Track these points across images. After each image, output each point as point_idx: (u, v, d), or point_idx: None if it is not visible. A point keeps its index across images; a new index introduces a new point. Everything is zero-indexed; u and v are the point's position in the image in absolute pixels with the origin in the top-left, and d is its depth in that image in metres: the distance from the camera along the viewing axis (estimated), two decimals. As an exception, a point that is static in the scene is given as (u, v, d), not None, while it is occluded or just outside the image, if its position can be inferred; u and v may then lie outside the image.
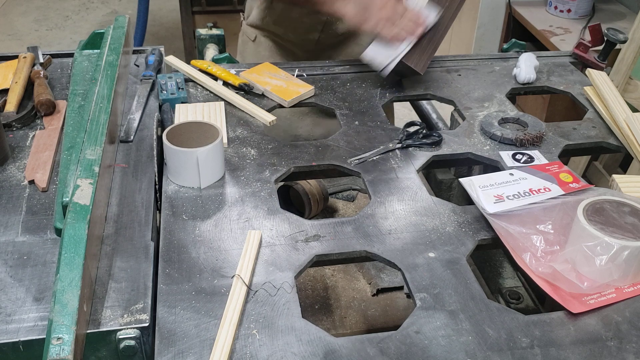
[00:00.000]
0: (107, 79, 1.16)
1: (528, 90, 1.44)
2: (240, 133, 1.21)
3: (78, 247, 0.80)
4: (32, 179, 1.05)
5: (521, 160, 1.15)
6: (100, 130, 1.02)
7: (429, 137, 1.20)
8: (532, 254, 0.91)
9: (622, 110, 1.26)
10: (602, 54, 1.49)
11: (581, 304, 0.85)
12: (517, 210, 0.98)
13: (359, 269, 1.41)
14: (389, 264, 0.93)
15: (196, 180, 1.05)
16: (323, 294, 1.35)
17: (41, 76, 1.31)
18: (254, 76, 1.38)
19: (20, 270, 0.87)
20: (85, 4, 4.81)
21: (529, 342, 0.80)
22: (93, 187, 0.89)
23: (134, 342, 0.79)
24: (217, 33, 2.27)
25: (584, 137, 1.24)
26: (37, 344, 0.77)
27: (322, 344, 0.79)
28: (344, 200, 1.61)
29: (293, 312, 0.83)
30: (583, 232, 0.88)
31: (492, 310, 0.84)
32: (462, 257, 0.93)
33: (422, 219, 1.01)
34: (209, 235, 0.96)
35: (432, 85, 1.41)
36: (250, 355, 0.77)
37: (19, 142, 1.16)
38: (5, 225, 0.96)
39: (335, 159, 1.15)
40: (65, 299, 0.73)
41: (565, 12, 2.69)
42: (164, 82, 1.32)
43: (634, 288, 0.88)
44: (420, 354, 0.78)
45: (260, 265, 0.91)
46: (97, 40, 1.40)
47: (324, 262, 0.95)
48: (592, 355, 0.78)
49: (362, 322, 1.29)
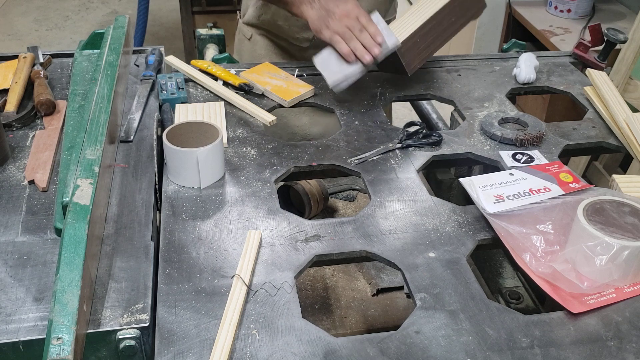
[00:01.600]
0: (107, 79, 1.16)
1: (528, 90, 1.45)
2: (240, 133, 1.21)
3: (78, 247, 0.80)
4: (32, 179, 1.05)
5: (521, 160, 1.15)
6: (100, 130, 1.02)
7: (429, 137, 1.20)
8: (532, 254, 0.91)
9: (622, 110, 1.26)
10: (602, 54, 1.49)
11: (581, 304, 0.85)
12: (517, 210, 0.98)
13: (359, 269, 1.41)
14: (389, 264, 0.93)
15: (196, 180, 1.05)
16: (323, 294, 1.35)
17: (41, 76, 1.31)
18: (254, 76, 1.38)
19: (20, 270, 0.87)
20: (85, 4, 4.81)
21: (529, 342, 0.80)
22: (93, 187, 0.89)
23: (134, 342, 0.79)
24: (217, 33, 2.27)
25: (584, 137, 1.24)
26: (37, 344, 0.77)
27: (322, 344, 0.79)
28: (344, 200, 1.61)
29: (293, 312, 0.83)
30: (583, 232, 0.88)
31: (492, 310, 0.84)
32: (462, 257, 0.93)
33: (422, 219, 1.01)
34: (209, 235, 0.96)
35: (432, 85, 1.41)
36: (250, 355, 0.77)
37: (19, 142, 1.16)
38: (5, 225, 0.96)
39: (335, 159, 1.15)
40: (65, 299, 0.73)
41: (565, 12, 2.69)
42: (164, 82, 1.32)
43: (634, 288, 0.87)
44: (420, 354, 0.78)
45: (260, 265, 0.91)
46: (97, 40, 1.40)
47: (324, 262, 0.95)
48: (592, 355, 0.78)
49: (362, 322, 1.29)
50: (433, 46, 1.34)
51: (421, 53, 1.32)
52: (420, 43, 1.31)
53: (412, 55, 1.30)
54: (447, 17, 1.34)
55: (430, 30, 1.31)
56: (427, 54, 1.33)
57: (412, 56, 1.30)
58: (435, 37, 1.33)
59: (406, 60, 1.29)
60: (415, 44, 1.30)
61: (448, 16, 1.34)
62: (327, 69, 1.26)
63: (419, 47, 1.31)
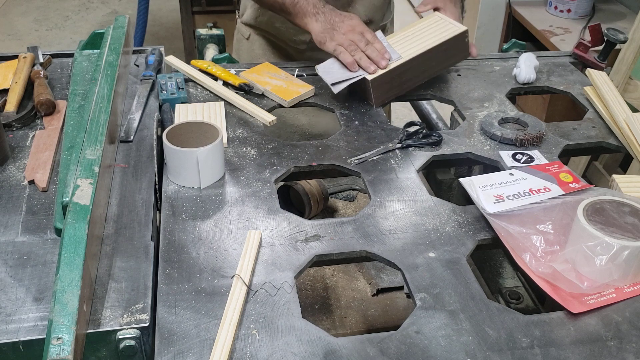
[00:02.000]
0: (107, 79, 1.16)
1: (528, 90, 1.45)
2: (240, 133, 1.21)
3: (78, 247, 0.80)
4: (32, 179, 1.05)
5: (521, 160, 1.15)
6: (100, 130, 1.02)
7: (429, 137, 1.20)
8: (532, 254, 0.91)
9: (622, 110, 1.26)
10: (602, 54, 1.49)
11: (581, 304, 0.85)
12: (517, 210, 0.98)
13: (359, 269, 1.41)
14: (389, 264, 0.93)
15: (196, 180, 1.05)
16: (323, 294, 1.35)
17: (41, 76, 1.31)
18: (254, 76, 1.38)
19: (20, 270, 0.87)
20: (85, 4, 4.81)
21: (529, 342, 0.80)
22: (93, 187, 0.89)
23: (134, 342, 0.79)
24: (217, 33, 2.27)
25: (584, 137, 1.24)
26: (37, 344, 0.77)
27: (322, 344, 0.79)
28: (344, 200, 1.61)
29: (293, 312, 0.83)
30: (583, 232, 0.88)
31: (492, 310, 0.84)
32: (462, 257, 0.93)
33: (422, 219, 1.01)
34: (209, 235, 0.96)
35: (432, 85, 1.41)
36: (250, 355, 0.77)
37: (19, 142, 1.16)
38: (5, 225, 0.96)
39: (335, 159, 1.15)
40: (65, 299, 0.73)
41: (565, 12, 2.69)
42: (164, 82, 1.32)
43: (634, 288, 0.87)
44: (420, 354, 0.78)
45: (260, 265, 0.91)
46: (97, 40, 1.40)
47: (324, 262, 0.95)
48: (592, 355, 0.78)
49: (362, 322, 1.29)
50: (406, 85, 1.33)
51: (393, 89, 1.31)
52: (395, 81, 1.29)
53: (384, 90, 1.29)
54: (430, 60, 1.32)
55: (410, 69, 1.30)
56: (398, 91, 1.33)
57: (383, 91, 1.29)
58: (412, 76, 1.32)
59: (376, 94, 1.28)
60: (391, 80, 1.29)
61: (430, 59, 1.32)
62: (328, 74, 1.28)
63: (394, 84, 1.30)
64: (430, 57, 1.31)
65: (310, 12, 1.31)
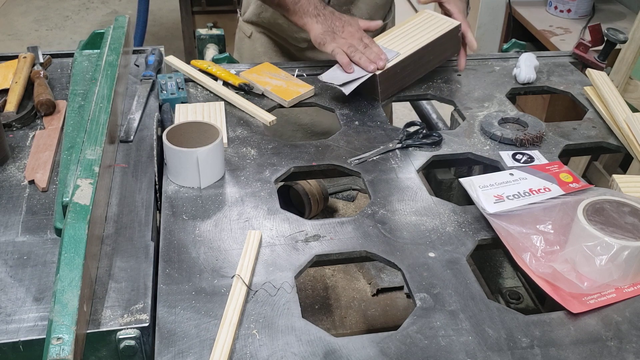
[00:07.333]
0: (107, 79, 1.16)
1: (528, 90, 1.44)
2: (240, 133, 1.21)
3: (78, 247, 0.80)
4: (32, 179, 1.05)
5: (521, 160, 1.15)
6: (100, 130, 1.02)
7: (429, 137, 1.20)
8: (532, 254, 0.91)
9: (622, 110, 1.26)
10: (602, 54, 1.49)
11: (581, 304, 0.85)
12: (517, 210, 0.98)
13: (359, 269, 1.41)
14: (389, 264, 0.93)
15: (196, 180, 1.05)
16: (323, 294, 1.35)
17: (41, 76, 1.31)
18: (254, 76, 1.38)
19: (20, 270, 0.87)
20: (85, 4, 4.81)
21: (529, 342, 0.80)
22: (93, 187, 0.89)
23: (134, 342, 0.79)
24: (217, 33, 2.27)
25: (584, 137, 1.24)
26: (37, 344, 0.77)
27: (322, 344, 0.79)
28: (344, 200, 1.61)
29: (293, 312, 0.83)
30: (583, 232, 0.88)
31: (492, 310, 0.84)
32: (462, 257, 0.93)
33: (422, 219, 1.01)
34: (209, 235, 0.96)
35: (432, 85, 1.41)
36: (250, 355, 0.77)
37: (19, 142, 1.16)
38: (5, 225, 0.96)
39: (335, 159, 1.15)
40: (65, 299, 0.73)
41: (565, 12, 2.69)
42: (164, 82, 1.32)
43: (634, 288, 0.87)
44: (420, 354, 0.78)
45: (260, 265, 0.91)
46: (97, 40, 1.40)
47: (324, 262, 0.95)
48: (592, 355, 0.78)
49: (362, 322, 1.29)
50: (407, 80, 1.37)
51: (396, 84, 1.35)
52: (398, 75, 1.33)
53: (388, 85, 1.33)
54: (427, 54, 1.36)
55: (410, 64, 1.33)
56: (400, 86, 1.37)
57: (388, 85, 1.33)
58: (412, 71, 1.36)
59: (382, 88, 1.31)
60: (395, 74, 1.32)
61: (428, 54, 1.36)
62: (335, 79, 1.29)
63: (397, 78, 1.33)
64: (428, 51, 1.35)
65: (311, 12, 1.33)
